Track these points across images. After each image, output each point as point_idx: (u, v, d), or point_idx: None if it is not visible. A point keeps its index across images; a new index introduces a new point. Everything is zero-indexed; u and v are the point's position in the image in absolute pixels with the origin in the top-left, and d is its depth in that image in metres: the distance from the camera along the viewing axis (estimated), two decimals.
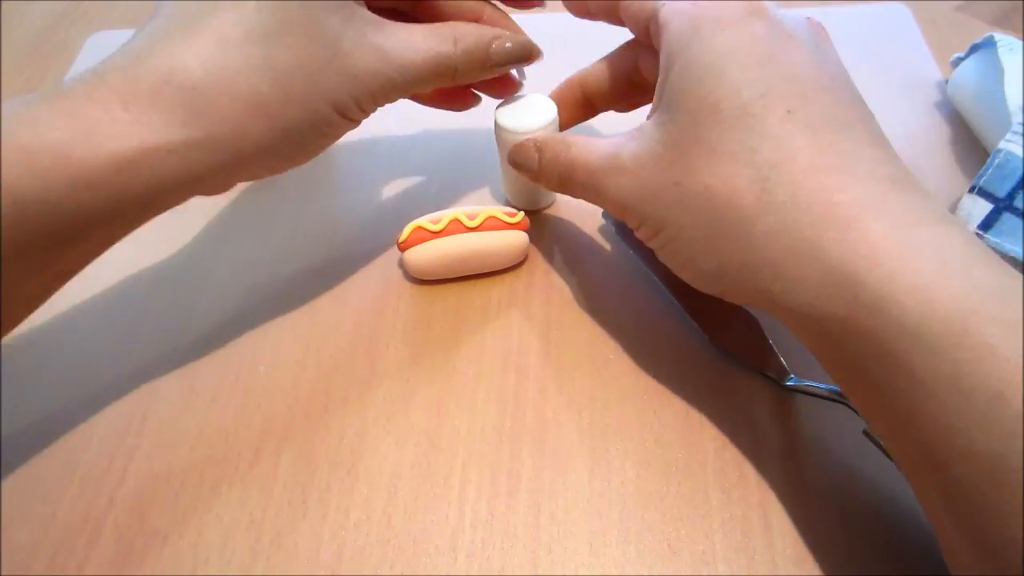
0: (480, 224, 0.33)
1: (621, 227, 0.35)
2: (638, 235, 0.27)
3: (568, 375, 0.31)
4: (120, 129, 0.23)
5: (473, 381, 0.31)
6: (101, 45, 0.51)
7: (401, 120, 0.44)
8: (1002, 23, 0.48)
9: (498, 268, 0.35)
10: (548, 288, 0.35)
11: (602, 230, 0.37)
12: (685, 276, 0.26)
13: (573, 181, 0.29)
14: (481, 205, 0.34)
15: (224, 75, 0.24)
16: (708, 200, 0.23)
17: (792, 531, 0.26)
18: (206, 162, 0.25)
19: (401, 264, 0.36)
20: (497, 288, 0.35)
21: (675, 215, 0.25)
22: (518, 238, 0.34)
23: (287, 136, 0.26)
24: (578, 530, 0.27)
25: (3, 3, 0.57)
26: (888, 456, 0.25)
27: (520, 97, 0.34)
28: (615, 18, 0.30)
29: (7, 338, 0.34)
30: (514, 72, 0.34)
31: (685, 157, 0.24)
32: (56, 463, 0.30)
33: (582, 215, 0.38)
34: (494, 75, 0.31)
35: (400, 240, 0.34)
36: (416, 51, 0.28)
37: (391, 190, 0.40)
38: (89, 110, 0.23)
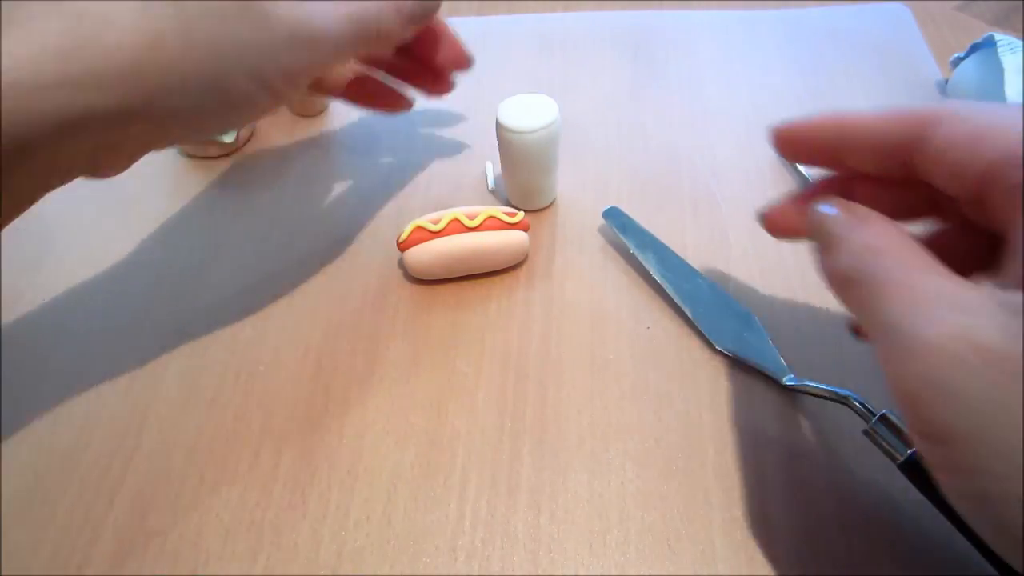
0: (480, 224, 0.33)
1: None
2: (932, 459, 0.18)
3: (568, 375, 0.31)
4: None
5: (473, 381, 0.31)
6: None
7: (401, 119, 0.44)
8: (1002, 23, 0.48)
9: (498, 268, 0.35)
10: (548, 288, 0.35)
11: (602, 230, 0.37)
12: None
13: (868, 304, 0.19)
14: (481, 205, 0.34)
15: (118, 10, 0.22)
16: None
17: (792, 531, 0.26)
18: (80, 103, 0.22)
19: (401, 264, 0.36)
20: (497, 288, 0.35)
21: None
22: (518, 238, 0.34)
23: (164, 82, 0.23)
24: (578, 530, 0.27)
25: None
26: (888, 456, 0.25)
27: (521, 97, 0.34)
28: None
29: (7, 338, 0.34)
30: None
31: None
32: (56, 463, 0.30)
33: (582, 215, 0.38)
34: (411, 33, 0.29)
35: (400, 240, 0.34)
36: (336, 8, 0.26)
37: (391, 190, 0.40)
38: None
